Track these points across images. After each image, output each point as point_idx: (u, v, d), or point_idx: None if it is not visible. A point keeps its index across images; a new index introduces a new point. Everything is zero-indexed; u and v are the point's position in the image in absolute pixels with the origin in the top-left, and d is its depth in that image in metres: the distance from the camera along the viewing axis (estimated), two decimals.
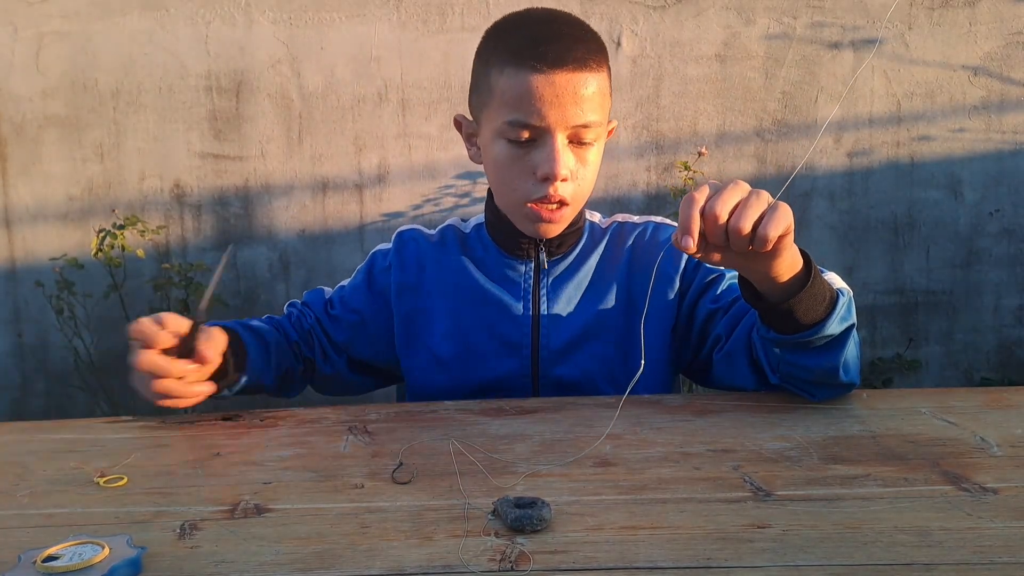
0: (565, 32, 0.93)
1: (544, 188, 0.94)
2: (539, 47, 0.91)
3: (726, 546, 0.59)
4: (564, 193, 0.95)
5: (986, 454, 0.76)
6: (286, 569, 0.58)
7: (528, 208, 0.97)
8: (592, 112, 0.93)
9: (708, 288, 1.04)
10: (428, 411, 0.94)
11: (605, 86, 0.96)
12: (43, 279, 2.52)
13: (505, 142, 0.95)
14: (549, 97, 0.90)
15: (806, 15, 2.56)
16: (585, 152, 0.96)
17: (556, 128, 0.92)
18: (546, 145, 0.93)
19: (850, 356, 0.88)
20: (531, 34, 0.93)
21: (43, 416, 2.72)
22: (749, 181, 0.78)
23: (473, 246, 1.10)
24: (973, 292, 2.72)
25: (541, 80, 0.90)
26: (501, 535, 0.62)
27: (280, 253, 2.67)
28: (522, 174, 0.95)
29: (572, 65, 0.90)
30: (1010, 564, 0.56)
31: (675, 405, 0.93)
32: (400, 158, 2.62)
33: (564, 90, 0.90)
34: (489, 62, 0.96)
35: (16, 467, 0.80)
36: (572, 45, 0.91)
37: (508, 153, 0.95)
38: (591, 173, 0.98)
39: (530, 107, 0.91)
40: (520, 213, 0.99)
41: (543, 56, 0.90)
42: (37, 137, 2.60)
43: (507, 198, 1.00)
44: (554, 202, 0.95)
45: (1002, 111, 2.61)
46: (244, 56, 2.56)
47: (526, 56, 0.91)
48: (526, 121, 0.92)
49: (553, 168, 0.92)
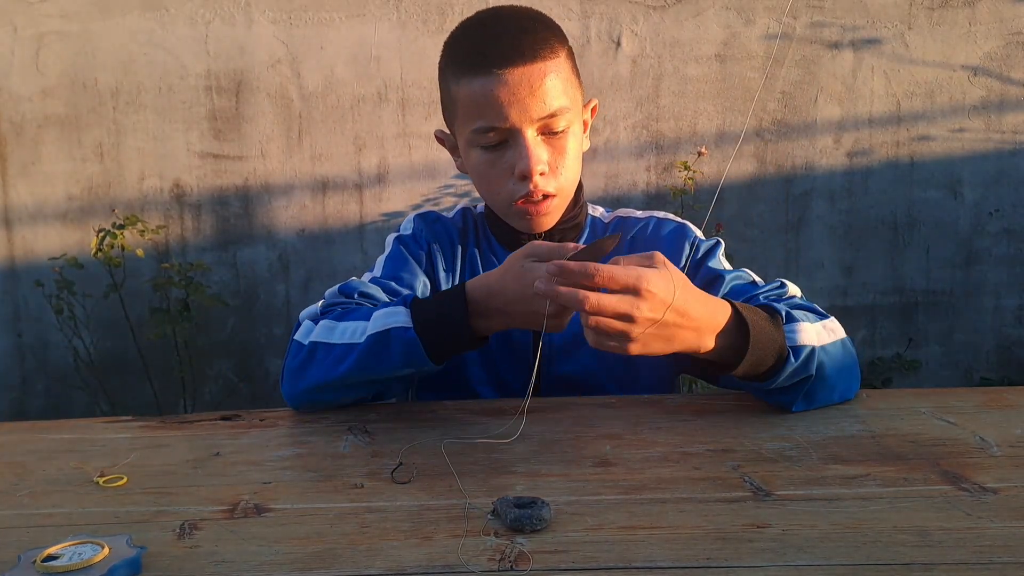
0: (509, 28, 0.93)
1: (525, 186, 0.94)
2: (486, 50, 0.91)
3: (726, 546, 0.59)
4: (546, 187, 0.95)
5: (986, 454, 0.76)
6: (286, 569, 0.58)
7: (516, 207, 0.97)
8: (555, 100, 0.92)
9: (708, 288, 1.04)
10: (428, 411, 0.94)
11: (564, 70, 0.94)
12: (43, 279, 2.52)
13: (479, 149, 0.96)
14: (506, 97, 0.90)
15: (806, 15, 2.56)
16: (559, 141, 0.95)
17: (522, 125, 0.92)
18: (517, 144, 0.93)
19: (820, 388, 0.87)
20: (477, 39, 0.94)
21: (43, 416, 2.72)
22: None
23: (482, 236, 1.10)
24: (973, 292, 2.72)
25: (494, 82, 0.90)
26: (501, 535, 0.62)
27: (280, 253, 2.67)
28: (501, 176, 0.96)
29: (520, 60, 0.90)
30: (1010, 564, 0.56)
31: (675, 405, 0.93)
32: (400, 158, 2.62)
33: (519, 87, 0.90)
34: (447, 76, 0.97)
35: (16, 467, 0.80)
36: (517, 40, 0.91)
37: (484, 159, 0.96)
38: (571, 160, 0.97)
39: (491, 111, 0.91)
40: (510, 213, 1.00)
41: (490, 58, 0.90)
42: (37, 137, 2.60)
43: (494, 201, 1.01)
44: (538, 197, 0.96)
45: (1002, 111, 2.61)
46: (244, 56, 2.56)
47: (475, 62, 0.91)
48: (490, 125, 0.92)
49: (528, 165, 0.92)
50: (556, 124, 0.94)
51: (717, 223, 2.50)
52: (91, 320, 2.63)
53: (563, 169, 0.96)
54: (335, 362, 0.88)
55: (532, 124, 0.92)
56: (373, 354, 0.86)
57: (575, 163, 0.98)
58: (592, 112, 1.04)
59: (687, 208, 2.53)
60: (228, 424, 0.91)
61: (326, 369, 0.89)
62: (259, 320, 2.70)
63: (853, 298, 2.72)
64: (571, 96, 0.95)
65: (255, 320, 2.70)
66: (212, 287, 2.65)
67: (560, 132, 0.95)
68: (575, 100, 0.96)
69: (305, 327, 0.93)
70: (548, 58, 0.92)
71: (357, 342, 0.87)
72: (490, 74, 0.90)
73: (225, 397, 2.70)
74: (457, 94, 0.95)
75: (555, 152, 0.95)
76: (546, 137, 0.95)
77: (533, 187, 0.94)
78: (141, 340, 2.58)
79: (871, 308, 2.72)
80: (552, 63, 0.92)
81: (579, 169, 1.00)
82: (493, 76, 0.90)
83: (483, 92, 0.91)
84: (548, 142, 0.95)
